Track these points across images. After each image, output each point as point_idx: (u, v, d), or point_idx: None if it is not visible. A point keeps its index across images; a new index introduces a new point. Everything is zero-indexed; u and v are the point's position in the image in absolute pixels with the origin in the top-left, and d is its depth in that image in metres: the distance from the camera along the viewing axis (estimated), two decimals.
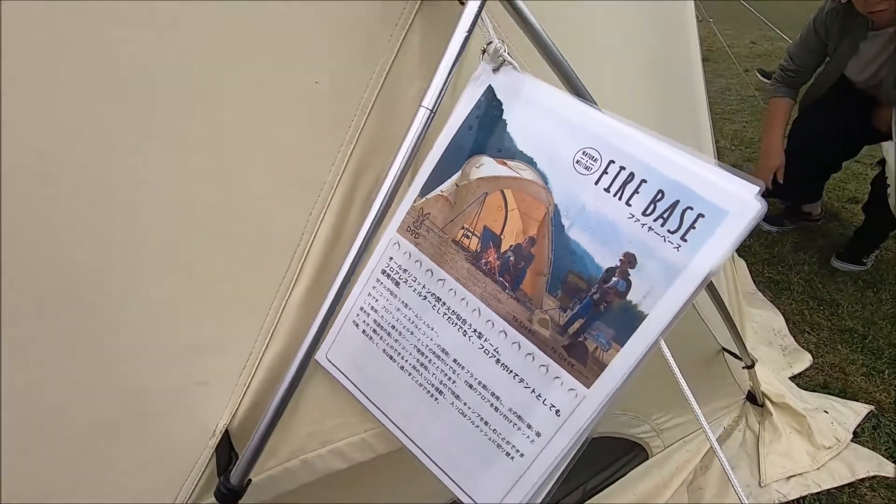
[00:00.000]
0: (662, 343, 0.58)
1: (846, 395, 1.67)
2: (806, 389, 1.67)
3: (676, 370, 0.61)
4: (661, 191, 0.39)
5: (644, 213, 0.40)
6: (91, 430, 0.50)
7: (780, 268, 2.25)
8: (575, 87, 0.51)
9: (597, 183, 0.42)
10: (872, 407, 1.61)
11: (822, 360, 1.80)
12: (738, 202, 0.37)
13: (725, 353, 1.23)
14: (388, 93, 0.51)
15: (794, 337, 1.88)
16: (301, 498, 0.61)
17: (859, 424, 1.57)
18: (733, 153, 3.38)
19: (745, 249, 2.36)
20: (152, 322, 0.50)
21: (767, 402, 1.53)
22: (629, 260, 0.40)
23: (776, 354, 1.80)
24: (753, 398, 1.51)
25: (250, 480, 0.49)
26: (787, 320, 1.95)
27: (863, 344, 1.85)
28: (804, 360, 1.78)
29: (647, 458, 1.37)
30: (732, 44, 5.42)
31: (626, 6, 0.75)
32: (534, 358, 0.44)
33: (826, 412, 1.56)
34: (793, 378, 1.72)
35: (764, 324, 1.93)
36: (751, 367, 1.15)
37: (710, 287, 0.92)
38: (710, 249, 0.38)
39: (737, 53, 5.61)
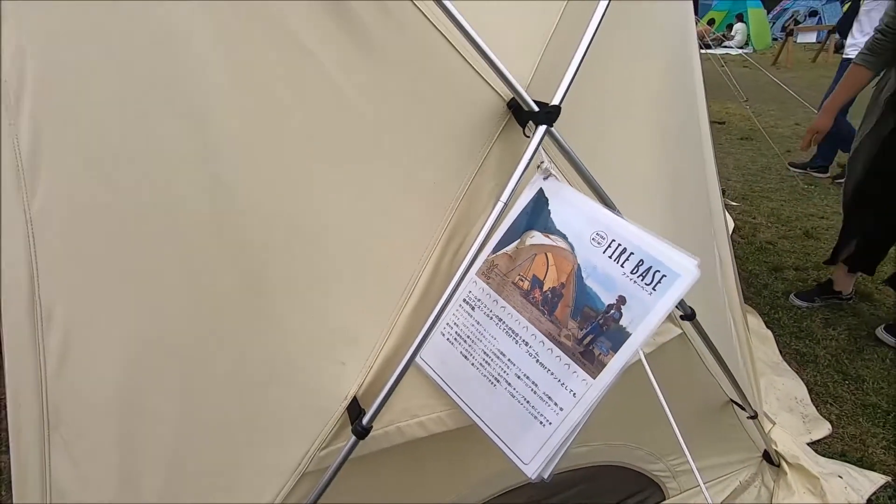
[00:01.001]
0: (653, 379, 0.82)
1: (864, 465, 1.75)
2: (823, 456, 1.77)
3: (668, 410, 0.83)
4: (641, 260, 0.66)
5: (631, 272, 0.67)
6: (264, 385, 0.79)
7: (808, 341, 2.37)
8: (595, 190, 0.80)
9: (604, 252, 0.69)
10: (889, 478, 1.69)
11: (843, 430, 1.90)
12: (686, 269, 0.63)
13: (735, 407, 1.40)
14: (475, 187, 0.82)
15: (817, 407, 1.99)
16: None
17: (874, 493, 1.65)
18: (769, 230, 3.53)
19: (774, 322, 2.49)
20: (315, 318, 0.80)
21: (783, 462, 1.65)
22: (621, 300, 0.67)
23: (796, 421, 1.91)
24: (770, 458, 1.64)
25: (371, 427, 0.77)
26: (810, 391, 2.06)
27: (885, 419, 1.93)
28: (823, 429, 1.88)
29: (663, 499, 1.52)
30: (777, 124, 5.59)
31: (642, 126, 1.05)
32: (560, 359, 0.70)
33: (840, 477, 1.66)
34: (811, 444, 1.82)
35: (787, 392, 2.05)
36: (754, 417, 1.32)
37: (708, 342, 1.13)
38: (669, 295, 0.64)
39: (780, 134, 5.81)
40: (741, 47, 13.12)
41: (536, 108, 0.74)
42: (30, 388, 0.77)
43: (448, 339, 0.80)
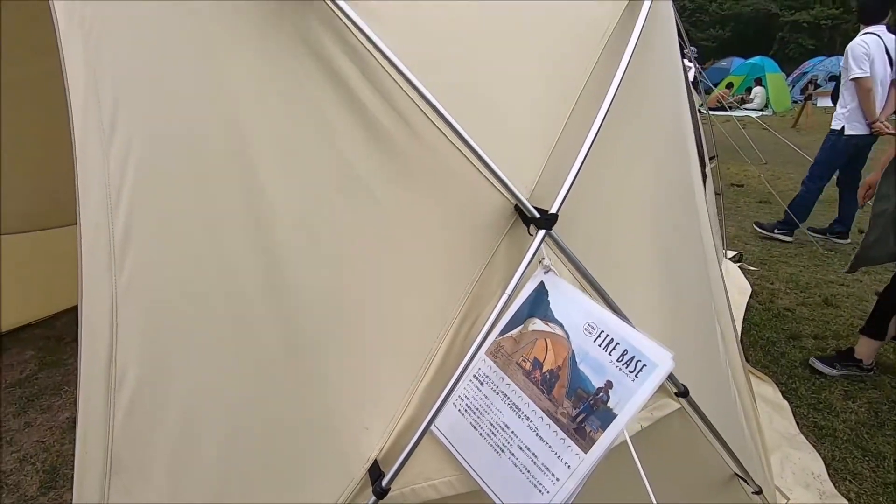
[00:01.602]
0: (637, 460, 0.90)
1: None
2: None
3: (650, 492, 0.89)
4: (626, 350, 0.77)
5: (617, 360, 0.78)
6: (298, 442, 0.91)
7: (826, 413, 2.35)
8: (591, 282, 0.92)
9: (594, 341, 0.80)
10: None
11: None
12: (662, 360, 0.74)
13: (740, 481, 1.44)
14: (485, 277, 0.95)
15: (835, 483, 1.97)
16: None
17: None
18: (787, 296, 3.54)
19: (791, 392, 2.49)
20: (347, 384, 0.92)
21: None
22: (609, 384, 0.77)
23: (813, 498, 1.90)
24: None
25: (389, 488, 0.87)
26: (827, 466, 2.04)
27: None
28: None
29: None
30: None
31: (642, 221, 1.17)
32: (557, 434, 0.80)
33: None
34: None
35: (803, 466, 2.03)
36: (759, 492, 1.36)
37: (704, 418, 1.20)
38: (649, 382, 0.74)
39: None
40: (761, 109, 13.37)
41: (537, 215, 0.89)
42: (98, 437, 0.90)
43: (459, 410, 0.91)
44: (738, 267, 3.92)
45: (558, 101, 1.03)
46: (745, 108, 13.45)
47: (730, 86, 14.55)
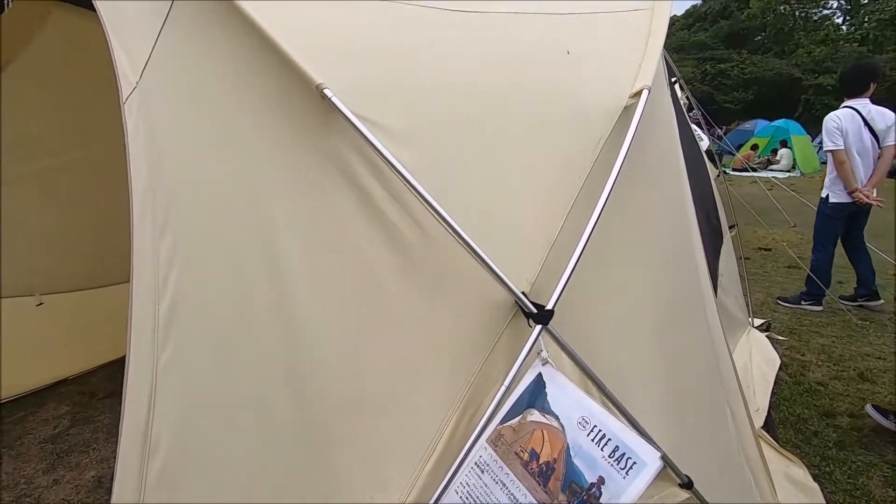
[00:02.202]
0: None
1: None
2: None
3: None
4: (617, 446, 0.81)
5: (609, 456, 0.81)
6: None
7: (865, 502, 2.21)
8: (588, 374, 0.97)
9: (587, 436, 0.84)
10: None
11: None
12: (651, 459, 0.77)
13: None
14: (487, 366, 1.01)
15: None
16: None
17: None
18: (819, 369, 3.41)
19: (825, 476, 2.36)
20: (357, 462, 0.97)
21: None
22: (601, 480, 0.81)
23: None
24: None
25: None
26: None
27: None
28: None
29: None
30: None
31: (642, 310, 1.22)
32: None
33: None
34: None
35: None
36: None
37: None
38: (638, 481, 0.77)
39: None
40: (788, 171, 13.32)
41: (535, 310, 0.95)
42: (130, 496, 0.98)
43: (461, 497, 0.94)
44: (766, 336, 3.81)
45: (559, 198, 1.12)
46: (772, 170, 13.42)
47: (755, 147, 14.62)
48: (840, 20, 26.47)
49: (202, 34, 1.07)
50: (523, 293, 1.00)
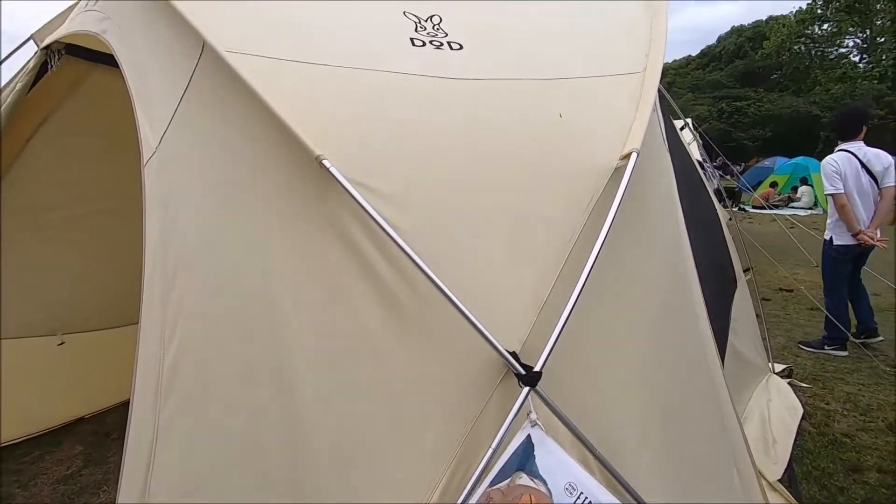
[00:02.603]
0: None
1: None
2: None
3: None
4: None
5: None
6: None
7: None
8: (577, 437, 0.98)
9: (573, 502, 0.84)
10: None
11: None
12: None
13: None
14: (475, 432, 1.02)
15: None
16: None
17: None
18: (845, 419, 3.27)
19: None
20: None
21: None
22: None
23: None
24: None
25: None
26: None
27: None
28: None
29: None
30: None
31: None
32: None
33: None
34: None
35: None
36: None
37: None
38: None
39: None
40: (809, 208, 13.12)
41: (523, 371, 0.97)
42: None
43: None
44: (788, 383, 3.69)
45: (550, 258, 1.15)
46: (793, 207, 13.23)
47: (774, 185, 14.47)
48: (857, 58, 26.54)
49: (214, 106, 1.17)
50: (514, 353, 1.02)
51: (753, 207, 12.91)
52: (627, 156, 1.19)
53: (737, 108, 28.68)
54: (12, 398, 2.85)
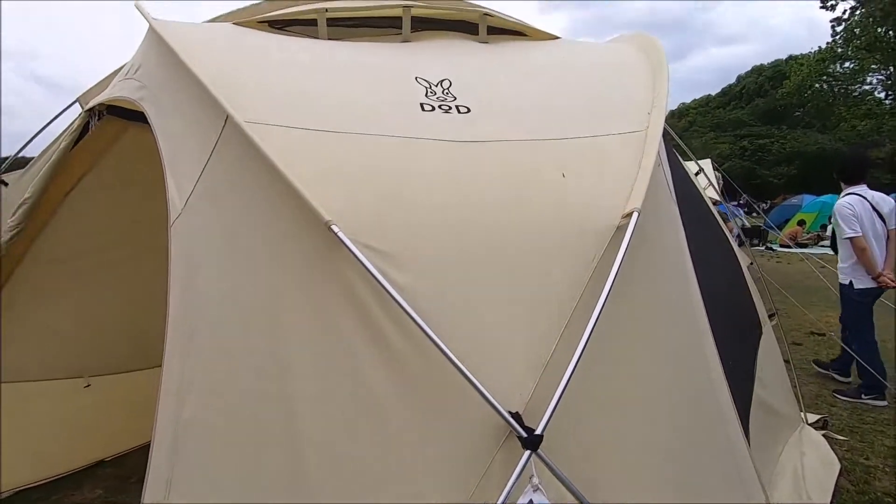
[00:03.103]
0: None
1: None
2: None
3: None
4: None
5: None
6: None
7: None
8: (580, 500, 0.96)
9: None
10: None
11: None
12: None
13: None
14: (479, 494, 1.01)
15: None
16: None
17: None
18: (887, 476, 3.08)
19: None
20: None
21: None
22: None
23: None
24: None
25: None
26: None
27: None
28: None
29: None
30: (888, 337, 5.19)
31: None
32: None
33: None
34: None
35: None
36: None
37: None
38: None
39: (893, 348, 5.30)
40: None
41: (524, 434, 0.97)
42: None
43: None
44: (823, 436, 3.50)
45: (554, 317, 1.17)
46: (823, 246, 12.86)
47: (801, 223, 14.15)
48: (882, 95, 26.26)
49: (235, 172, 1.25)
50: (516, 414, 1.02)
51: (781, 246, 12.60)
52: (630, 214, 1.22)
53: (759, 145, 28.49)
54: (36, 441, 2.92)
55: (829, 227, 13.43)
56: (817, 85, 26.55)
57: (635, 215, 1.20)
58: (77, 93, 2.71)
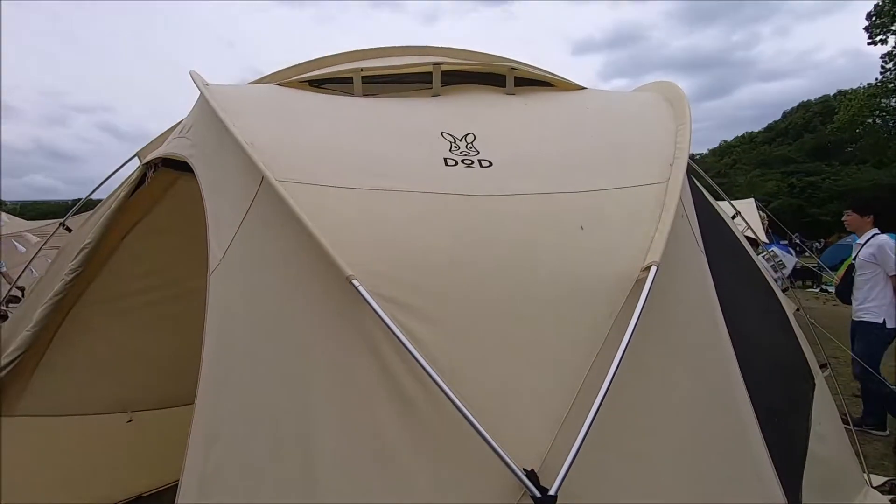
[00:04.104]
0: None
1: None
2: None
3: None
4: None
5: None
6: None
7: None
8: None
9: None
10: None
11: None
12: None
13: None
14: None
15: None
16: None
17: None
18: None
19: None
20: None
21: None
22: None
23: None
24: None
25: None
26: None
27: None
28: None
29: None
30: None
31: None
32: None
33: None
34: None
35: None
36: None
37: None
38: None
39: None
40: None
41: (539, 494, 0.96)
42: None
43: None
44: (891, 500, 3.18)
45: (572, 372, 1.16)
46: None
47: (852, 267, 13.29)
48: None
49: (268, 227, 1.34)
50: (532, 472, 1.01)
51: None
52: (648, 268, 1.22)
53: (809, 182, 27.39)
54: (79, 474, 3.04)
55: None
56: (870, 120, 25.54)
57: (654, 269, 1.20)
58: (141, 141, 2.98)
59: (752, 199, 8.92)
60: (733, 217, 3.93)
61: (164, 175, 2.85)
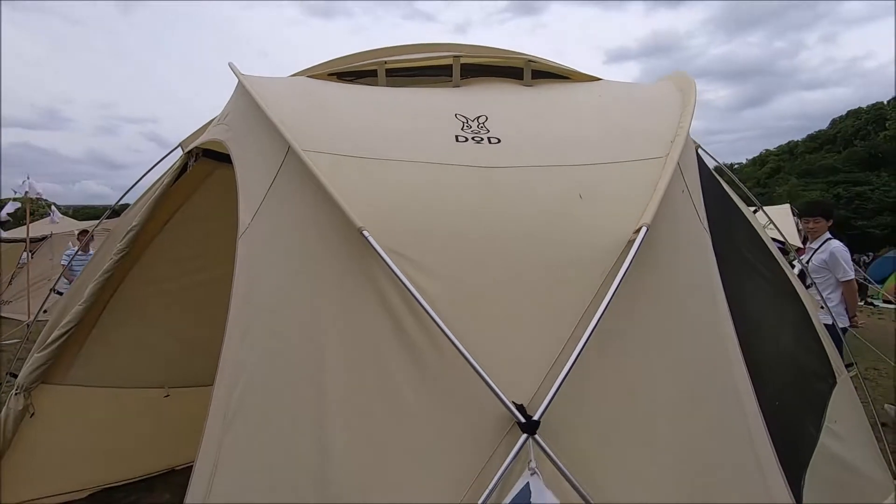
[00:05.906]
0: None
1: None
2: None
3: None
4: None
5: None
6: None
7: None
8: (576, 489, 1.01)
9: None
10: None
11: None
12: None
13: None
14: (481, 479, 1.09)
15: None
16: None
17: None
18: None
19: None
20: None
21: None
22: None
23: None
24: None
25: None
26: None
27: None
28: None
29: None
30: None
31: None
32: None
33: None
34: None
35: None
36: None
37: None
38: None
39: None
40: None
41: (523, 420, 1.05)
42: None
43: None
44: None
45: (563, 322, 1.25)
46: None
47: None
48: None
49: (292, 193, 1.49)
50: (521, 405, 1.10)
51: (885, 302, 11.32)
52: (639, 230, 1.29)
53: (857, 193, 26.11)
54: (125, 443, 3.26)
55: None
56: None
57: (644, 230, 1.27)
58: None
59: (786, 205, 8.66)
60: (765, 226, 3.83)
61: (203, 165, 3.07)
